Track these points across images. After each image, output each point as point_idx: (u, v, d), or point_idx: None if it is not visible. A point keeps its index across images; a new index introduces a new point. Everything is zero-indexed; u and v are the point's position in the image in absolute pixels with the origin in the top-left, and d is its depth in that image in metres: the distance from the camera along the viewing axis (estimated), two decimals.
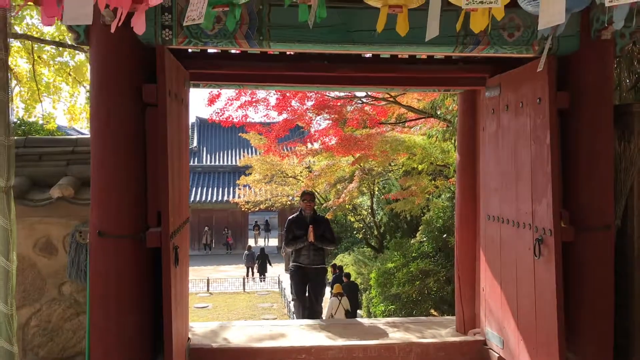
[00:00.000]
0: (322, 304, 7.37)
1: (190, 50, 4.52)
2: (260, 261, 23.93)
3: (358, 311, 15.99)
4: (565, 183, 3.98)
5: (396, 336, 5.40)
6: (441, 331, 5.87)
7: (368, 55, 4.76)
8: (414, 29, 3.90)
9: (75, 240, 4.32)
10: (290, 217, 7.30)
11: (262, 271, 23.74)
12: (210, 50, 4.58)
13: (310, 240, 6.92)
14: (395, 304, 12.94)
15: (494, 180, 4.80)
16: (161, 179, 3.56)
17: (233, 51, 4.58)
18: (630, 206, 4.07)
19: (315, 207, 7.29)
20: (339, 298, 14.30)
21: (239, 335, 5.77)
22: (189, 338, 4.79)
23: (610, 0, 1.81)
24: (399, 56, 4.84)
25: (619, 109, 4.04)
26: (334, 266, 17.49)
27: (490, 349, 4.91)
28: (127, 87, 3.64)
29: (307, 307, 7.25)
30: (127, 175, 3.65)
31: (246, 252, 24.97)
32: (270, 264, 24.24)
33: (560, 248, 3.82)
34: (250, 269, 23.96)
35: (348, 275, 15.54)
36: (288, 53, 4.66)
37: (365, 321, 6.65)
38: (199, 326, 5.96)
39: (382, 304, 13.10)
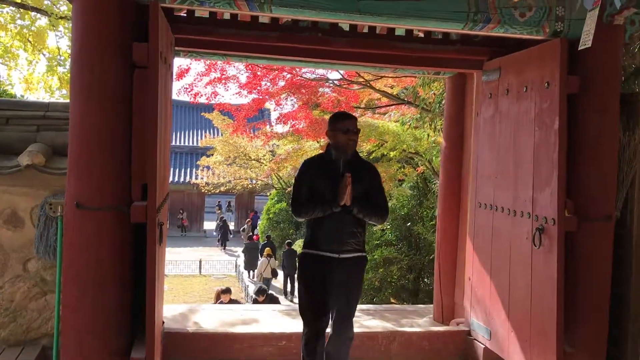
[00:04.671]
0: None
1: (176, 13, 4.20)
2: (222, 232, 26.00)
3: None
4: (568, 171, 3.85)
5: (373, 324, 5.24)
6: (418, 320, 5.74)
7: (365, 30, 4.55)
8: (423, 1, 3.74)
9: (45, 213, 3.98)
10: (308, 159, 3.97)
11: (224, 241, 25.86)
12: (197, 14, 4.27)
13: (343, 204, 3.58)
14: None
15: (488, 167, 4.66)
16: (149, 148, 3.25)
17: (223, 16, 4.29)
18: (630, 198, 3.99)
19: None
20: (268, 259, 15.37)
21: (210, 319, 5.50)
22: (163, 322, 4.50)
23: None
24: (396, 33, 4.65)
25: (624, 97, 3.93)
26: (268, 237, 18.36)
27: (475, 339, 4.79)
28: (114, 45, 3.31)
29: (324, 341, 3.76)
30: (111, 142, 3.33)
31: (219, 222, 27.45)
32: (230, 234, 26.75)
33: (563, 238, 3.71)
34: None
35: (290, 244, 16.74)
36: (281, 23, 4.40)
37: None
38: (167, 309, 5.66)
39: None
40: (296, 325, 5.29)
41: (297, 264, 3.71)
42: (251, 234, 22.45)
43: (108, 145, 3.33)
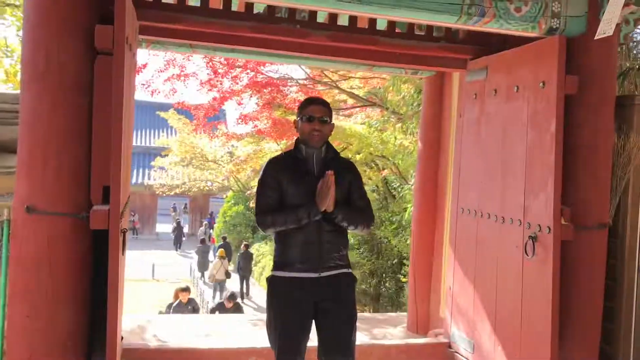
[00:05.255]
0: None
1: None
2: (176, 233, 25.49)
3: None
4: (563, 177, 3.65)
5: None
6: (392, 330, 5.50)
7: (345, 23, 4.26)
8: None
9: None
10: (273, 158, 3.21)
11: (177, 242, 25.39)
12: (165, 1, 3.89)
13: (323, 211, 2.92)
14: None
15: (472, 171, 4.43)
16: (113, 145, 2.86)
17: (192, 3, 3.93)
18: (623, 204, 3.81)
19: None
20: (222, 261, 15.27)
21: (172, 331, 5.13)
22: (122, 337, 4.09)
23: None
24: (377, 27, 4.39)
25: (619, 100, 3.76)
26: (224, 238, 18.13)
27: (457, 352, 4.55)
28: (73, 26, 2.92)
29: None
30: (68, 138, 2.93)
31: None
32: (184, 236, 26.45)
33: (559, 247, 3.49)
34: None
35: (247, 245, 17.02)
36: (256, 12, 4.07)
37: None
38: (123, 320, 5.23)
39: None
40: (265, 339, 4.95)
41: (267, 284, 3.15)
42: (203, 237, 22.00)
43: (64, 141, 2.93)
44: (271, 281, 3.08)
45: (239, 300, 11.27)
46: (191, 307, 9.84)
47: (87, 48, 2.96)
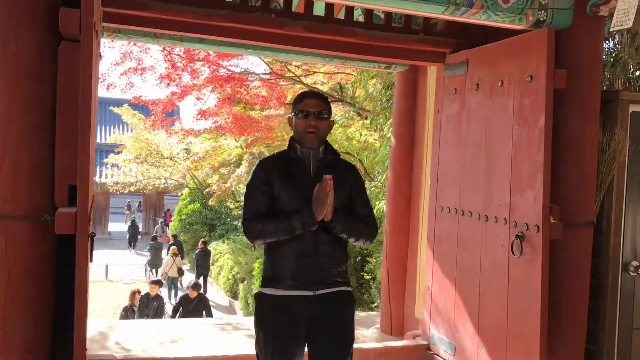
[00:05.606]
0: None
1: None
2: (131, 232, 24.89)
3: (236, 302, 15.44)
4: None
5: None
6: (364, 331, 5.35)
7: (321, 12, 4.08)
8: None
9: None
10: (265, 158, 2.90)
11: (132, 240, 24.69)
12: None
13: (320, 220, 2.59)
14: None
15: (452, 168, 4.30)
16: (82, 140, 2.59)
17: None
18: (607, 202, 3.75)
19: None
20: (174, 258, 15.34)
21: (136, 338, 4.85)
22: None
23: None
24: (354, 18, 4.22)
25: (604, 95, 3.69)
26: (175, 236, 17.93)
27: (437, 354, 4.42)
28: (34, 9, 2.62)
29: None
30: (29, 132, 2.64)
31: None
32: (139, 235, 25.79)
33: (548, 246, 3.39)
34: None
35: (205, 242, 16.89)
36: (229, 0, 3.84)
37: None
38: None
39: None
40: (237, 345, 4.73)
41: (254, 302, 2.81)
42: (155, 234, 21.62)
43: (24, 135, 2.65)
44: (259, 299, 2.73)
45: (202, 293, 10.97)
46: (158, 303, 9.53)
47: (49, 33, 2.67)
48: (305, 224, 2.55)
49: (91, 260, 2.83)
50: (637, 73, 4.67)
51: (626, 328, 3.82)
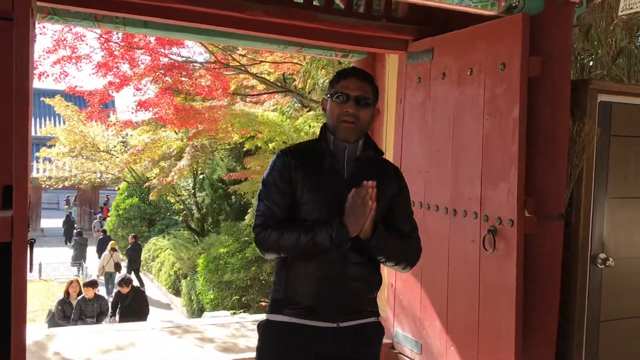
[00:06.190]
0: None
1: None
2: (66, 227, 24.43)
3: (177, 299, 15.02)
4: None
5: None
6: None
7: None
8: None
9: None
10: (287, 148, 2.26)
11: (68, 236, 23.99)
12: None
13: (353, 235, 2.06)
14: (226, 291, 12.07)
15: (416, 160, 4.13)
16: (18, 135, 2.24)
17: None
18: (576, 194, 3.66)
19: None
20: (111, 253, 15.05)
21: (77, 347, 4.48)
22: None
23: None
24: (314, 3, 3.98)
25: (573, 84, 3.59)
26: (104, 231, 17.61)
27: (401, 353, 4.27)
28: None
29: None
30: None
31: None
32: (75, 230, 24.87)
33: (522, 241, 3.27)
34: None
35: (135, 237, 16.51)
36: None
37: (230, 320, 5.70)
38: None
39: (211, 292, 12.09)
40: (190, 351, 4.43)
41: (258, 332, 2.27)
42: (80, 229, 21.21)
43: None
44: (265, 329, 2.22)
45: (137, 285, 10.50)
46: (98, 304, 8.54)
47: None
48: (335, 240, 2.03)
49: (31, 270, 2.48)
50: (591, 63, 4.67)
51: (594, 321, 3.77)
